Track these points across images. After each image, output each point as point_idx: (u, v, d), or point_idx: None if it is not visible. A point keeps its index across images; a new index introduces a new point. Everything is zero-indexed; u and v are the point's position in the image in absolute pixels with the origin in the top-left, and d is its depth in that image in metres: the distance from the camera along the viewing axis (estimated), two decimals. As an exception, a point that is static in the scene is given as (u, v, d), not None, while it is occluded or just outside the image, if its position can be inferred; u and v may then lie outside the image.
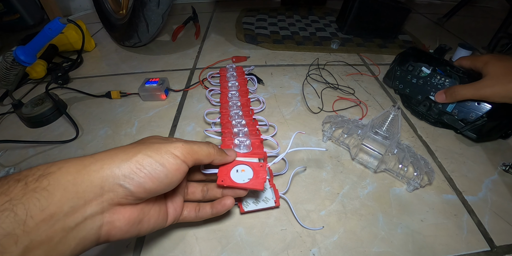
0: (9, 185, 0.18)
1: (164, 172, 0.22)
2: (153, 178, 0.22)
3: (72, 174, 0.20)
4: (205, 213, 0.29)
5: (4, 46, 0.83)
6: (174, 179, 0.23)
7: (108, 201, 0.21)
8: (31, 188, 0.18)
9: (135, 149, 0.23)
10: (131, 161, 0.22)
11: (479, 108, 0.43)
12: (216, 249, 0.31)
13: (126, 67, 0.68)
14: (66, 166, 0.20)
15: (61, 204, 0.18)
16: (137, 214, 0.23)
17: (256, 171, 0.30)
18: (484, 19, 1.00)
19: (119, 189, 0.21)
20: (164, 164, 0.23)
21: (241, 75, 0.55)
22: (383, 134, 0.39)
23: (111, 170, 0.21)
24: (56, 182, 0.19)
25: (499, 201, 0.36)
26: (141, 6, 0.62)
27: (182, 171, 0.24)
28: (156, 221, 0.26)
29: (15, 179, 0.18)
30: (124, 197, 0.21)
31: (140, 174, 0.22)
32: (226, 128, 0.41)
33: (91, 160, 0.21)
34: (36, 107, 0.50)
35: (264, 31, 0.81)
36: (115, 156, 0.22)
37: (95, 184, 0.20)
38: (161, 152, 0.23)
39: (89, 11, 1.07)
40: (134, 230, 0.24)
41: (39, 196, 0.18)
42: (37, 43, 0.45)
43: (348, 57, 0.70)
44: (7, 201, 0.17)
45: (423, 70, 0.50)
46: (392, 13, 0.74)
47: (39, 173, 0.19)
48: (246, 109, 0.46)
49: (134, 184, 0.21)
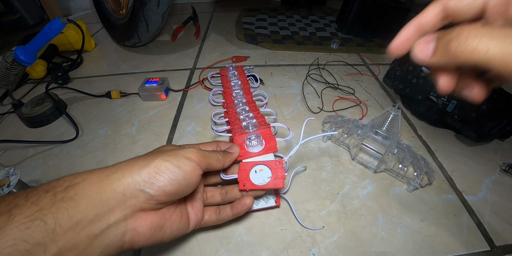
0: (39, 195, 0.19)
1: (181, 174, 0.24)
2: (171, 181, 0.23)
3: (96, 183, 0.21)
4: (226, 214, 0.30)
5: (4, 46, 0.83)
6: (191, 180, 0.25)
7: (131, 207, 0.22)
8: (59, 197, 0.19)
9: (152, 156, 0.24)
10: (149, 166, 0.23)
11: (479, 108, 0.43)
12: (216, 249, 0.31)
13: (126, 67, 0.68)
14: (90, 176, 0.21)
15: (86, 212, 0.19)
16: (159, 219, 0.24)
17: (275, 169, 0.31)
18: (484, 19, 1.00)
19: (140, 194, 0.22)
20: (180, 166, 0.24)
21: (242, 73, 0.55)
22: (383, 134, 0.39)
23: (132, 177, 0.22)
24: (81, 192, 0.20)
25: (499, 201, 0.36)
26: (141, 6, 0.62)
27: (198, 173, 0.25)
28: (178, 226, 0.26)
29: (44, 189, 0.20)
30: (145, 201, 0.22)
31: (159, 178, 0.23)
32: (235, 124, 0.41)
33: (112, 170, 0.22)
34: (36, 107, 0.50)
35: (264, 31, 0.81)
36: (134, 164, 0.23)
37: (118, 191, 0.21)
38: (177, 156, 0.24)
39: (89, 11, 1.07)
40: (157, 236, 0.24)
41: (67, 205, 0.19)
42: (37, 43, 0.45)
43: (348, 57, 0.70)
44: (37, 211, 0.18)
45: (423, 70, 0.50)
46: (392, 13, 0.74)
47: (65, 184, 0.20)
48: (252, 105, 0.46)
49: (154, 188, 0.22)
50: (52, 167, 0.42)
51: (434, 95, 0.48)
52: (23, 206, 0.18)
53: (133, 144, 0.45)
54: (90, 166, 0.42)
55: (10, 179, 0.35)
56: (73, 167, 0.42)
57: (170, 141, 0.46)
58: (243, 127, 0.38)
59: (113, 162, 0.41)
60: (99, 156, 0.43)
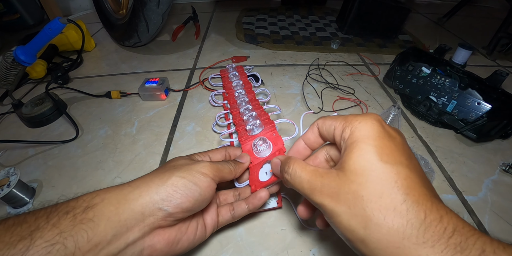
0: (59, 216, 0.19)
1: (198, 190, 0.24)
2: (188, 197, 0.23)
3: (114, 204, 0.21)
4: (241, 210, 0.30)
5: (4, 46, 0.83)
6: (207, 195, 0.25)
7: (149, 225, 0.22)
8: (79, 219, 0.19)
9: (167, 172, 0.24)
10: (166, 184, 0.23)
11: (479, 108, 0.43)
12: (216, 249, 0.31)
13: (126, 67, 0.68)
14: (107, 196, 0.22)
15: (105, 234, 0.20)
16: (176, 234, 0.24)
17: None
18: (484, 19, 1.00)
19: (159, 212, 0.22)
20: (197, 183, 0.24)
21: (243, 73, 0.55)
22: (383, 134, 0.39)
23: (150, 196, 0.22)
24: (100, 213, 0.20)
25: (499, 201, 0.36)
26: (141, 6, 0.62)
27: (213, 188, 0.25)
28: (195, 236, 0.26)
29: (64, 211, 0.20)
30: (163, 219, 0.23)
31: (176, 196, 0.23)
32: (240, 125, 0.41)
33: (129, 189, 0.23)
34: (36, 107, 0.50)
35: (264, 31, 0.81)
36: (151, 182, 0.23)
37: (136, 211, 0.21)
38: (192, 172, 0.25)
39: (89, 11, 1.07)
40: (174, 250, 0.24)
41: (86, 227, 0.19)
42: (37, 43, 0.45)
43: (348, 57, 0.70)
44: (58, 234, 0.18)
45: (423, 70, 0.50)
46: (392, 13, 0.74)
47: (84, 204, 0.21)
48: (255, 103, 0.46)
49: (172, 206, 0.22)
50: (52, 167, 0.42)
51: (434, 95, 0.48)
52: (44, 229, 0.18)
53: (133, 144, 0.45)
54: (91, 165, 0.42)
55: (10, 179, 0.35)
56: (73, 167, 0.42)
57: (170, 140, 0.46)
58: (247, 130, 0.38)
59: (113, 162, 0.42)
60: (99, 156, 0.43)
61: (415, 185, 0.17)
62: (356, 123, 0.20)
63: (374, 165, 0.18)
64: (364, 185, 0.17)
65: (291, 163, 0.23)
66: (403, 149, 0.19)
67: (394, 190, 0.17)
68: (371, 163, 0.18)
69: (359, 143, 0.19)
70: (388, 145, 0.19)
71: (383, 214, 0.16)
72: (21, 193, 0.36)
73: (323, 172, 0.20)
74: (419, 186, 0.17)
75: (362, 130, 0.20)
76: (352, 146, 0.19)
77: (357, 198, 0.17)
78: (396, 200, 0.16)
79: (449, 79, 0.46)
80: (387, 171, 0.17)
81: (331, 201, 0.19)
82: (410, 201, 0.16)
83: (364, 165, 0.18)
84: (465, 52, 0.56)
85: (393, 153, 0.18)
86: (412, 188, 0.17)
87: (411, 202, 0.16)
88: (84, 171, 0.41)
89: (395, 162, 0.18)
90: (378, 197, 0.17)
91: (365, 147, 0.19)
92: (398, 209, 0.16)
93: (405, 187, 0.17)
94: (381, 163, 0.18)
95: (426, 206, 0.16)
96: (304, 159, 0.27)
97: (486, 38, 0.73)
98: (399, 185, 0.17)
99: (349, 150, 0.19)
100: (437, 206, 0.17)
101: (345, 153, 0.19)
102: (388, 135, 0.20)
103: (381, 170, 0.18)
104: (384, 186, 0.17)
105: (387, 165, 0.18)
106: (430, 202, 0.17)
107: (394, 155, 0.18)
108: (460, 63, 0.56)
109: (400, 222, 0.16)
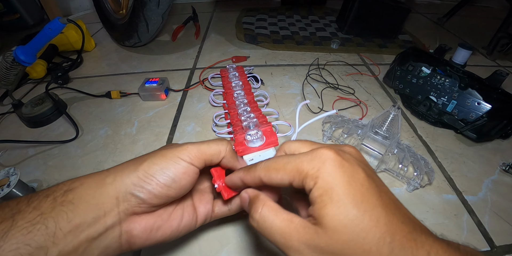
0: (40, 200, 0.20)
1: (170, 176, 0.23)
2: (160, 184, 0.23)
3: (92, 188, 0.21)
4: (238, 205, 0.28)
5: (4, 46, 0.83)
6: (183, 182, 0.24)
7: (124, 211, 0.22)
8: (59, 201, 0.20)
9: (142, 158, 0.24)
10: (138, 170, 0.23)
11: (479, 108, 0.43)
12: (216, 248, 0.31)
13: (126, 67, 0.68)
14: (87, 181, 0.22)
15: (84, 216, 0.20)
16: (154, 221, 0.24)
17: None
18: (484, 19, 1.00)
19: (131, 198, 0.22)
20: (169, 169, 0.23)
21: (243, 74, 0.55)
22: (383, 134, 0.39)
23: (122, 180, 0.22)
24: (79, 196, 0.21)
25: (499, 201, 0.36)
26: (141, 6, 0.62)
27: (191, 174, 0.24)
28: (179, 224, 0.25)
29: (45, 194, 0.20)
30: (137, 205, 0.22)
31: (148, 181, 0.22)
32: (237, 126, 0.41)
33: (106, 174, 0.23)
34: (36, 107, 0.50)
35: (264, 31, 0.81)
36: (126, 168, 0.23)
37: (111, 195, 0.22)
38: (166, 158, 0.24)
39: (89, 11, 1.07)
40: (155, 237, 0.24)
41: (66, 209, 0.20)
42: (37, 43, 0.45)
43: (348, 57, 0.70)
44: (39, 215, 0.19)
45: (423, 70, 0.50)
46: (392, 13, 0.74)
47: (64, 188, 0.21)
48: (254, 105, 0.46)
49: (144, 192, 0.22)
50: (52, 167, 0.42)
51: (434, 95, 0.48)
52: (25, 211, 0.19)
53: (133, 144, 0.45)
54: (90, 165, 0.42)
55: (10, 179, 0.35)
56: (73, 167, 0.42)
57: (170, 140, 0.46)
58: (244, 127, 0.38)
59: (113, 162, 0.42)
60: (99, 156, 0.43)
61: (395, 228, 0.17)
62: (313, 172, 0.18)
63: (354, 219, 0.17)
64: (349, 243, 0.17)
65: (259, 206, 0.20)
66: (368, 181, 0.18)
67: (380, 242, 0.16)
68: (350, 218, 0.17)
69: (330, 195, 0.18)
70: (357, 186, 0.18)
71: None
72: (21, 193, 0.35)
73: (299, 225, 0.19)
74: (398, 225, 0.17)
75: (326, 178, 0.18)
76: (322, 200, 0.18)
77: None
78: (385, 251, 0.16)
79: (449, 79, 0.46)
80: (367, 222, 0.17)
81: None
82: (396, 249, 0.16)
83: (344, 222, 0.17)
84: (465, 52, 0.56)
85: (366, 196, 0.18)
86: (394, 232, 0.17)
87: (398, 249, 0.16)
88: (84, 171, 0.41)
89: (371, 206, 0.17)
90: (367, 253, 0.16)
91: (338, 199, 0.17)
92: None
93: (389, 235, 0.17)
94: (360, 214, 0.17)
95: (412, 247, 0.16)
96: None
97: (486, 38, 0.73)
98: (383, 235, 0.17)
99: (322, 204, 0.18)
100: (421, 243, 0.17)
101: (318, 207, 0.18)
102: (351, 171, 0.18)
103: (362, 222, 0.17)
104: (370, 241, 0.16)
105: (366, 215, 0.17)
106: (413, 241, 0.17)
107: (367, 199, 0.17)
108: (460, 63, 0.56)
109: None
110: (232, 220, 0.34)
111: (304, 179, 0.19)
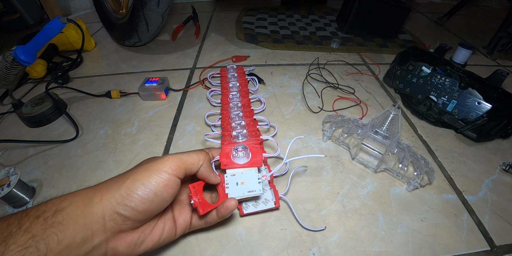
0: (30, 221, 0.20)
1: (152, 191, 0.24)
2: (143, 200, 0.23)
3: (80, 207, 0.22)
4: (212, 218, 0.30)
5: (4, 46, 0.83)
6: (165, 195, 0.25)
7: (111, 229, 0.23)
8: (49, 223, 0.20)
9: (125, 175, 0.25)
10: (121, 188, 0.23)
11: (480, 108, 0.43)
12: (216, 248, 0.31)
13: (126, 67, 0.68)
14: (75, 200, 0.22)
15: (73, 236, 0.21)
16: (137, 236, 0.25)
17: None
18: (484, 19, 1.00)
19: (117, 216, 0.23)
20: (151, 183, 0.24)
21: (242, 75, 0.55)
22: (383, 134, 0.39)
23: (108, 200, 0.23)
24: (68, 216, 0.21)
25: (499, 201, 0.36)
26: (141, 6, 0.62)
27: (172, 186, 0.25)
28: (160, 237, 0.27)
29: (35, 215, 0.21)
30: (123, 223, 0.23)
31: (131, 199, 0.23)
32: (226, 130, 0.41)
33: (93, 192, 0.24)
34: (36, 107, 0.50)
35: (264, 31, 0.80)
36: (111, 186, 0.24)
37: (98, 215, 0.22)
38: (149, 172, 0.24)
39: (89, 10, 1.07)
40: (138, 250, 0.25)
41: (56, 231, 0.20)
42: (37, 42, 0.45)
43: (348, 57, 0.70)
44: (30, 238, 0.19)
45: (423, 70, 0.50)
46: (392, 13, 0.74)
47: (54, 208, 0.21)
48: (247, 110, 0.46)
49: (128, 209, 0.23)
50: (52, 167, 0.42)
51: (434, 94, 0.48)
52: (17, 234, 0.19)
53: (133, 144, 0.45)
54: (90, 165, 0.42)
55: (10, 179, 0.35)
56: (73, 166, 0.42)
57: (170, 140, 0.46)
58: (232, 136, 0.38)
59: (113, 162, 0.42)
60: (99, 156, 0.43)
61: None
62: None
63: None
64: None
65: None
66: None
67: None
68: None
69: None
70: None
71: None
72: (21, 192, 0.36)
73: None
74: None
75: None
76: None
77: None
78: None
79: (450, 78, 0.46)
80: None
81: None
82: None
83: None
84: (466, 51, 0.56)
85: None
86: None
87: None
88: (84, 170, 0.41)
89: None
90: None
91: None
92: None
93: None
94: None
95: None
96: None
97: (487, 38, 0.73)
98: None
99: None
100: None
101: None
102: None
103: None
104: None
105: None
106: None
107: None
108: (461, 62, 0.56)
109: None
110: (232, 220, 0.34)
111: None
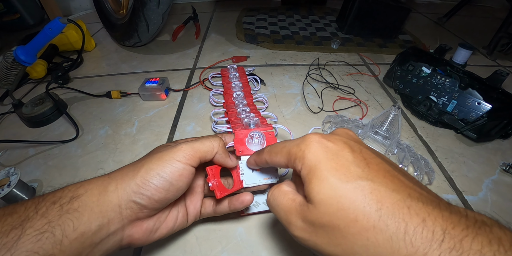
0: (47, 207, 0.20)
1: (168, 180, 0.24)
2: (159, 189, 0.23)
3: (96, 195, 0.22)
4: (223, 208, 0.30)
5: (4, 46, 0.83)
6: (180, 184, 0.25)
7: (127, 217, 0.23)
8: (65, 209, 0.21)
9: (140, 164, 0.25)
10: (136, 177, 0.23)
11: (480, 108, 0.43)
12: (216, 248, 0.31)
13: (126, 67, 0.68)
14: (90, 187, 0.23)
15: (89, 224, 0.21)
16: (153, 224, 0.25)
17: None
18: (484, 19, 1.00)
19: (133, 205, 0.23)
20: (166, 173, 0.24)
21: (243, 75, 0.55)
22: (383, 134, 0.39)
23: (124, 188, 0.23)
24: (84, 204, 0.21)
25: (499, 201, 0.36)
26: (141, 6, 0.62)
27: (187, 175, 0.25)
28: (174, 224, 0.27)
29: (51, 200, 0.21)
30: (140, 211, 0.23)
31: (147, 188, 0.23)
32: (235, 123, 0.41)
33: (108, 180, 0.23)
34: (36, 107, 0.50)
35: (264, 31, 0.81)
36: (125, 175, 0.24)
37: (114, 203, 0.22)
38: (162, 162, 0.24)
39: (89, 11, 1.07)
40: (153, 237, 0.26)
41: (72, 217, 0.20)
42: (37, 43, 0.45)
43: (348, 57, 0.70)
44: (47, 223, 0.19)
45: (423, 70, 0.50)
46: (392, 13, 0.74)
47: (70, 194, 0.22)
48: (252, 108, 0.46)
49: (144, 198, 0.23)
50: (53, 167, 0.42)
51: (434, 95, 0.48)
52: (34, 219, 0.19)
53: (133, 144, 0.45)
54: (91, 165, 0.42)
55: (10, 179, 0.35)
56: (73, 166, 0.42)
57: (170, 140, 0.46)
58: (244, 124, 0.37)
59: (113, 162, 0.42)
60: (99, 156, 0.43)
61: (383, 194, 0.17)
62: (300, 154, 0.20)
63: (337, 190, 0.17)
64: (336, 214, 0.17)
65: (273, 188, 0.23)
66: (353, 155, 0.19)
67: (366, 209, 0.16)
68: (333, 190, 0.18)
69: (314, 172, 0.19)
70: (340, 161, 0.19)
71: (365, 236, 0.16)
72: (21, 192, 0.36)
73: (298, 203, 0.20)
74: (388, 193, 0.17)
75: (310, 158, 0.19)
76: (309, 177, 0.19)
77: (334, 228, 0.17)
78: (372, 219, 0.16)
79: (449, 79, 0.46)
80: (351, 192, 0.17)
81: (311, 236, 0.19)
82: (385, 215, 0.16)
83: (328, 194, 0.18)
84: (465, 52, 0.56)
85: (349, 168, 0.18)
86: (381, 199, 0.17)
87: (386, 216, 0.16)
88: (84, 170, 0.41)
89: (354, 177, 0.18)
90: (354, 221, 0.17)
91: (320, 174, 0.18)
92: (378, 226, 0.16)
93: (375, 202, 0.16)
94: (342, 185, 0.17)
95: (404, 213, 0.16)
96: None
97: (487, 38, 0.73)
98: (369, 203, 0.17)
99: (309, 182, 0.19)
100: (415, 210, 0.16)
101: (307, 185, 0.19)
102: (336, 149, 0.19)
103: (345, 193, 0.17)
104: (355, 209, 0.17)
105: (349, 185, 0.17)
106: (406, 207, 0.16)
107: (350, 170, 0.18)
108: (461, 63, 0.56)
109: (384, 238, 0.16)
110: (232, 220, 0.34)
111: (294, 161, 0.21)
